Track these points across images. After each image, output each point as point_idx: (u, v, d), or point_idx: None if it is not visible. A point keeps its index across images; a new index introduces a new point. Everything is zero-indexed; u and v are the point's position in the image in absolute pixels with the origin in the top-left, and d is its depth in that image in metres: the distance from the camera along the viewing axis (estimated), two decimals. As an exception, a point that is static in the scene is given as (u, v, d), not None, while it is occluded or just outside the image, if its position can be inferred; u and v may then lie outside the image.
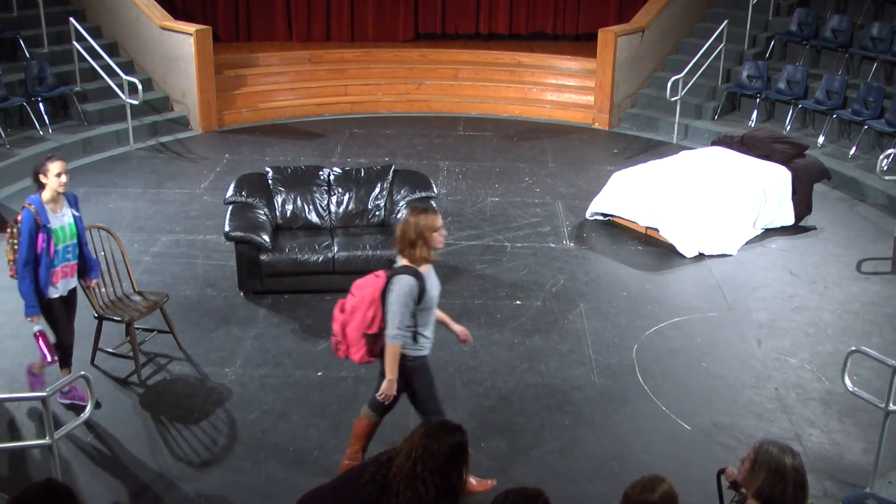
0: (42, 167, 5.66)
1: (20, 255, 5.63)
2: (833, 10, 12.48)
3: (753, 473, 3.54)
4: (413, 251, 5.02)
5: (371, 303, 5.05)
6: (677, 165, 9.45)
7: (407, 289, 4.93)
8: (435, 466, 3.46)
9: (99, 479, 5.46)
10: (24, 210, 5.64)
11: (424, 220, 5.00)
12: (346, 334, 5.11)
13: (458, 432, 3.55)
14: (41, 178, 5.67)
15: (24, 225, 5.60)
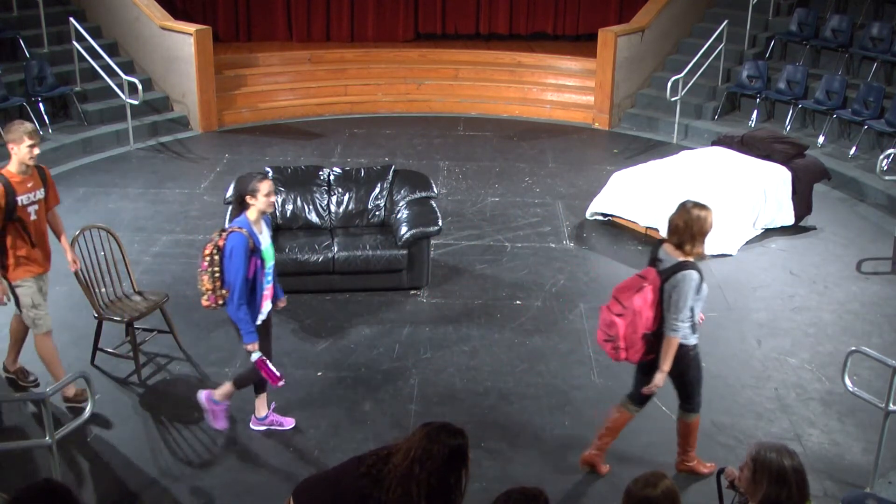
0: (252, 188, 5.39)
1: (236, 282, 5.35)
2: (833, 10, 12.48)
3: (755, 483, 3.53)
4: (692, 246, 5.16)
5: (652, 304, 5.15)
6: (677, 165, 9.45)
7: (694, 283, 5.12)
8: (433, 468, 3.45)
9: (99, 479, 5.46)
10: (236, 235, 5.34)
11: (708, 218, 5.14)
12: (626, 337, 5.18)
13: (459, 436, 3.54)
14: (249, 200, 5.41)
15: (238, 249, 5.32)
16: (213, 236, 5.51)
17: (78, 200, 9.70)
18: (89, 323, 6.67)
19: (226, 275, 5.42)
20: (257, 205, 5.43)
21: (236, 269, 5.34)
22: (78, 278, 6.42)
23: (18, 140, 5.70)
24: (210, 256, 5.41)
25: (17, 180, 5.76)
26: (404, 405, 6.29)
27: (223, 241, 5.40)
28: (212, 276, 5.43)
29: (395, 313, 7.53)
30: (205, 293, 5.50)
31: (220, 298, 5.49)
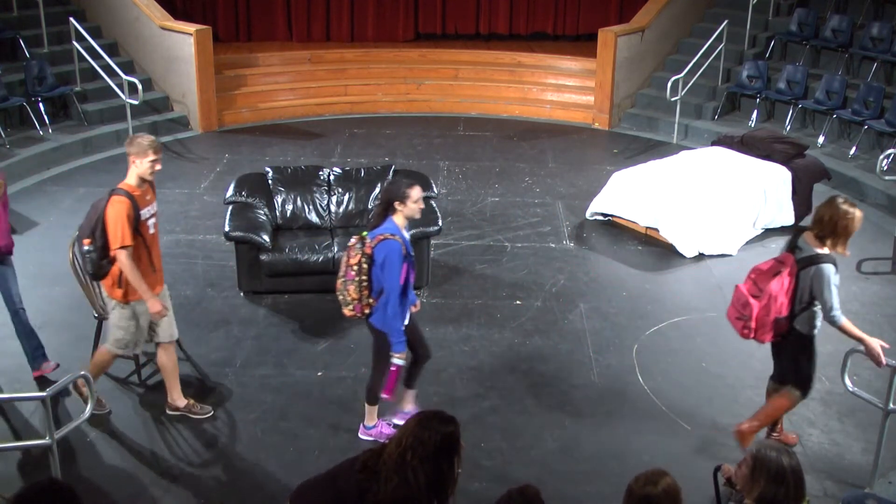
0: (403, 194, 5.31)
1: (392, 290, 5.30)
2: (833, 10, 12.48)
3: (753, 480, 3.54)
4: (834, 242, 5.21)
5: (787, 291, 5.26)
6: (677, 165, 9.45)
7: (833, 276, 5.19)
8: (424, 455, 3.46)
9: (99, 479, 5.46)
10: (390, 242, 5.26)
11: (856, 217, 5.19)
12: (758, 318, 5.31)
13: (450, 423, 3.55)
14: (398, 205, 5.33)
15: (394, 256, 5.25)
16: (352, 244, 5.41)
17: (78, 200, 9.69)
18: (89, 323, 6.67)
19: (375, 283, 5.36)
20: (406, 211, 5.36)
21: (393, 278, 5.28)
22: (78, 278, 6.41)
23: (142, 154, 5.55)
24: (358, 265, 5.33)
25: (138, 193, 5.61)
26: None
27: (371, 248, 5.32)
28: (359, 286, 5.35)
29: (395, 313, 7.52)
30: (350, 303, 5.42)
31: (366, 307, 5.43)
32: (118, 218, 5.50)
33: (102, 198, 5.69)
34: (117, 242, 5.50)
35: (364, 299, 5.38)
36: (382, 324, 5.43)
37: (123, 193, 5.57)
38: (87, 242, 5.64)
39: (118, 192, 5.58)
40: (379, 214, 5.45)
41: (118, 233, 5.50)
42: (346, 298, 5.43)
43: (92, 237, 5.62)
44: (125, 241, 5.50)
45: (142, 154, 5.56)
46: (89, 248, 5.63)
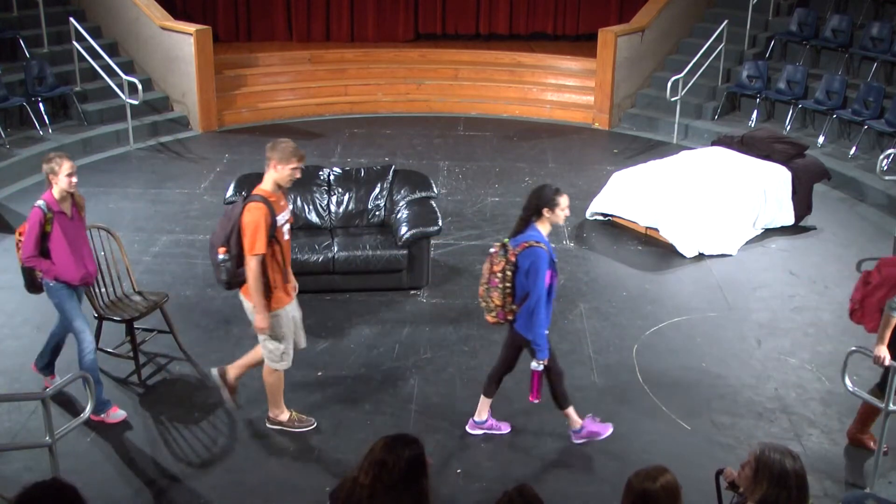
0: (553, 201, 5.30)
1: (540, 297, 5.30)
2: (833, 10, 12.48)
3: (756, 482, 3.52)
4: None
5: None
6: (677, 165, 9.45)
7: None
8: (391, 482, 3.38)
9: (99, 479, 5.46)
10: (536, 250, 5.27)
11: None
12: (866, 305, 5.41)
13: (413, 445, 3.46)
14: (546, 212, 5.33)
15: (542, 264, 5.26)
16: (494, 251, 5.42)
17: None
18: (89, 323, 6.66)
19: (519, 290, 5.37)
20: (553, 218, 5.37)
21: (539, 284, 5.29)
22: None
23: (285, 160, 5.42)
24: (502, 273, 5.34)
25: (274, 199, 5.45)
26: (404, 405, 6.30)
27: (515, 256, 5.32)
28: (503, 293, 5.37)
29: (395, 313, 7.53)
30: (493, 309, 5.44)
31: (509, 314, 5.45)
32: (255, 225, 5.35)
33: (236, 205, 5.53)
34: (252, 249, 5.37)
35: (507, 306, 5.42)
36: (526, 329, 5.44)
37: (261, 200, 5.40)
38: (222, 251, 5.49)
39: (255, 199, 5.41)
40: (523, 220, 5.44)
41: (254, 240, 5.36)
42: (489, 305, 5.46)
43: (227, 245, 5.48)
44: (260, 248, 5.38)
45: (284, 160, 5.42)
46: (224, 258, 5.49)
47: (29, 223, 5.72)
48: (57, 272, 5.77)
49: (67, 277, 5.81)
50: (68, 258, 5.77)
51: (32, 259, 5.74)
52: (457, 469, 5.64)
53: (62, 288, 5.84)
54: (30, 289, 6.03)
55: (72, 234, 5.81)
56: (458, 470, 5.63)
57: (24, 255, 5.74)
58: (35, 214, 5.68)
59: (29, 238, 5.69)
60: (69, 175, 5.70)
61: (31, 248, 5.70)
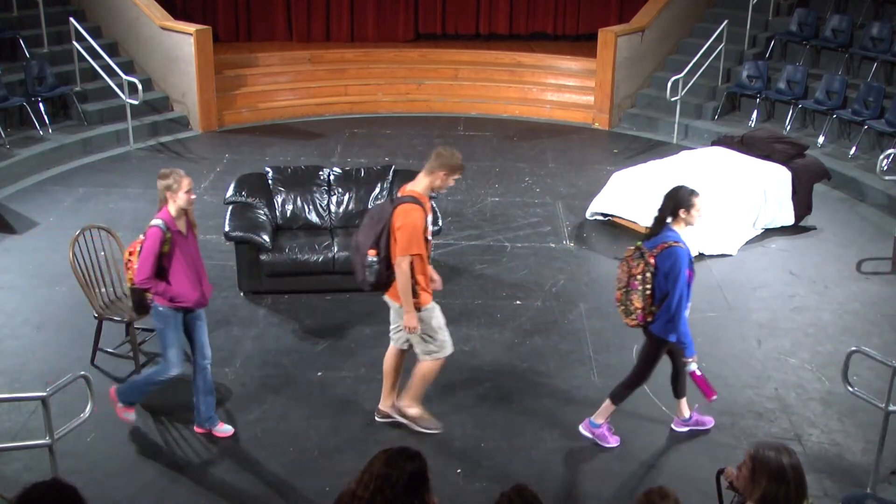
0: (690, 203, 5.42)
1: (683, 298, 5.33)
2: (833, 10, 12.48)
3: (754, 481, 3.53)
4: None
5: None
6: (677, 165, 9.45)
7: None
8: (393, 496, 3.35)
9: (99, 479, 5.46)
10: (678, 250, 5.31)
11: None
12: None
13: (416, 459, 3.42)
14: (682, 214, 5.39)
15: (682, 265, 5.29)
16: (629, 254, 5.44)
17: (78, 200, 9.70)
18: (89, 323, 6.67)
19: (658, 291, 5.38)
20: (689, 219, 5.42)
21: (681, 285, 5.30)
22: (78, 278, 6.42)
23: (453, 171, 5.50)
24: (642, 275, 5.35)
25: (424, 201, 5.51)
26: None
27: (653, 257, 5.33)
28: (642, 295, 5.38)
29: (395, 313, 7.52)
30: (633, 312, 5.46)
31: (649, 316, 5.45)
32: (413, 226, 5.36)
33: (384, 207, 5.53)
34: (407, 250, 5.36)
35: (647, 308, 5.42)
36: (662, 331, 5.45)
37: (414, 201, 5.41)
38: (371, 253, 5.46)
39: (409, 201, 5.41)
40: (659, 221, 5.47)
41: (410, 241, 5.35)
42: (628, 308, 5.48)
43: (377, 247, 5.46)
44: (416, 249, 5.38)
45: (453, 171, 5.52)
46: (374, 259, 5.46)
47: (146, 243, 5.42)
48: (173, 294, 5.50)
49: (184, 299, 5.54)
50: (185, 279, 5.53)
51: (149, 281, 5.45)
52: (457, 469, 5.64)
53: (173, 315, 5.57)
54: (138, 310, 5.93)
55: (188, 254, 5.56)
56: (458, 470, 5.63)
57: (141, 278, 5.44)
58: (154, 234, 5.37)
59: (147, 259, 5.39)
60: (188, 192, 5.46)
61: (148, 269, 5.41)
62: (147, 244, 5.42)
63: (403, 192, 5.53)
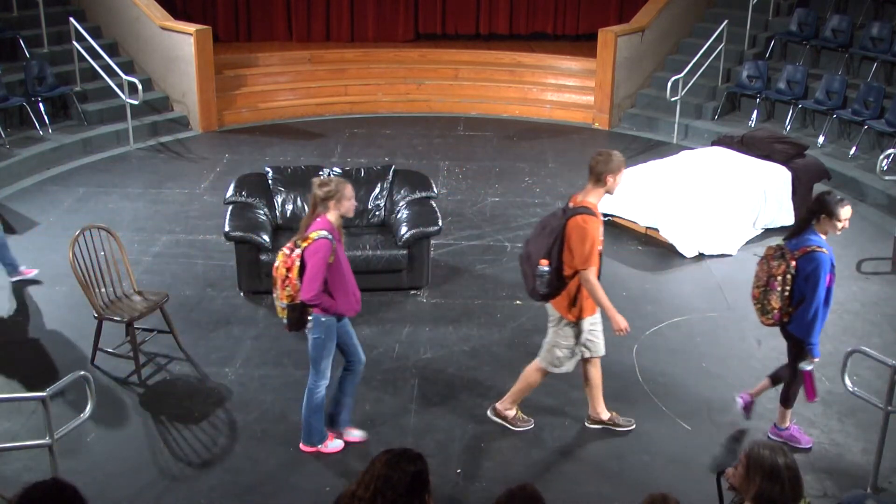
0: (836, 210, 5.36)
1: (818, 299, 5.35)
2: (833, 10, 12.47)
3: (749, 479, 3.54)
4: None
5: None
6: (677, 165, 9.45)
7: None
8: (395, 497, 3.35)
9: (99, 479, 5.46)
10: (818, 254, 5.31)
11: None
12: None
13: (417, 461, 3.43)
14: (825, 218, 5.40)
15: (824, 268, 5.32)
16: (770, 253, 5.49)
17: (78, 200, 9.70)
18: (89, 323, 6.67)
19: (797, 293, 5.40)
20: (829, 227, 5.41)
21: (820, 290, 5.35)
22: (78, 278, 6.42)
23: (618, 171, 5.50)
24: (783, 276, 5.38)
25: (597, 212, 5.49)
26: (404, 405, 6.29)
27: (795, 260, 5.35)
28: (781, 295, 5.42)
29: (395, 313, 7.53)
30: (769, 311, 5.50)
31: (785, 316, 5.49)
32: (592, 237, 5.34)
33: (555, 216, 5.51)
34: (586, 262, 5.34)
35: (784, 308, 5.46)
36: (800, 331, 5.47)
37: (589, 213, 5.38)
38: (544, 263, 5.43)
39: (585, 212, 5.38)
40: (803, 222, 5.49)
41: (591, 252, 5.34)
42: (765, 307, 5.52)
43: (549, 257, 5.43)
44: (595, 261, 5.36)
45: (618, 171, 5.47)
46: (546, 269, 5.43)
47: (316, 257, 5.16)
48: (337, 306, 5.34)
49: (345, 309, 5.39)
50: (345, 289, 5.38)
51: (319, 296, 5.21)
52: (457, 469, 5.64)
53: (334, 324, 5.43)
54: (296, 326, 5.46)
55: (345, 263, 5.43)
56: (458, 470, 5.63)
57: (312, 294, 5.18)
58: (324, 247, 5.16)
59: (318, 275, 5.16)
60: (352, 198, 5.32)
61: (319, 284, 5.17)
62: (318, 258, 5.16)
63: (576, 203, 5.48)
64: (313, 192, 5.29)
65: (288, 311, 5.38)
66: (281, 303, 5.38)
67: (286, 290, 5.31)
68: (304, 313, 5.38)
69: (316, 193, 5.27)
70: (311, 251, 5.18)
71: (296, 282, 5.26)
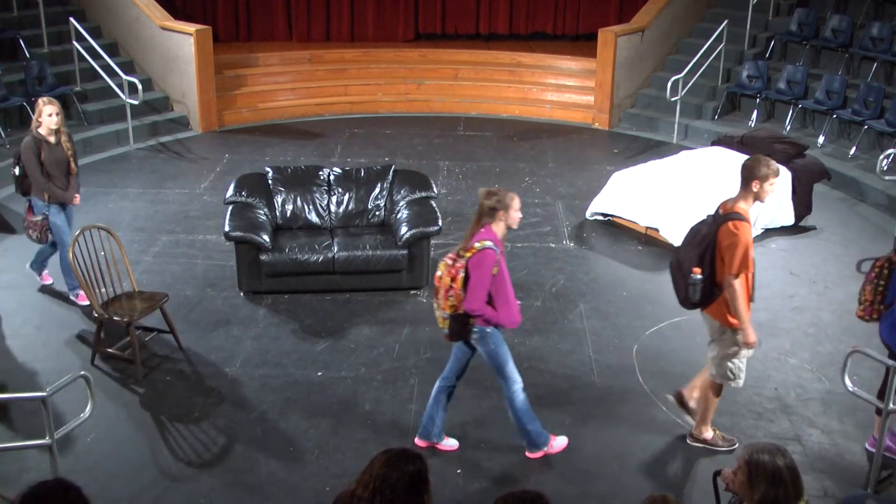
0: None
1: None
2: (833, 10, 12.47)
3: (752, 486, 3.54)
4: None
5: None
6: (677, 165, 9.45)
7: None
8: (394, 497, 3.35)
9: (99, 479, 5.45)
10: None
11: None
12: None
13: (417, 460, 3.43)
14: None
15: None
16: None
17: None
18: (89, 323, 6.67)
19: (891, 292, 5.38)
20: None
21: None
22: (78, 278, 6.42)
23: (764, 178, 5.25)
24: (880, 269, 5.37)
25: (747, 219, 5.33)
26: (404, 405, 6.29)
27: None
28: (875, 288, 5.42)
29: (395, 313, 7.53)
30: (863, 303, 5.49)
31: (875, 312, 5.47)
32: (745, 244, 5.22)
33: (707, 223, 5.43)
34: (737, 268, 5.24)
35: (875, 304, 5.45)
36: (886, 334, 5.44)
37: (741, 218, 5.27)
38: (696, 271, 5.35)
39: (737, 218, 5.26)
40: None
41: (742, 259, 5.23)
42: (860, 297, 5.55)
43: (701, 265, 5.37)
44: (745, 267, 5.27)
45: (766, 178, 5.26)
46: (698, 277, 5.36)
47: (482, 269, 5.17)
48: (499, 317, 5.34)
49: (506, 320, 5.38)
50: (507, 300, 5.36)
51: (483, 308, 5.23)
52: (457, 469, 5.64)
53: (497, 332, 5.43)
54: (457, 337, 5.47)
55: (507, 274, 5.39)
56: (458, 470, 5.63)
57: (476, 305, 5.21)
58: (490, 258, 5.16)
59: (484, 286, 5.17)
60: (518, 209, 5.29)
61: (484, 296, 5.20)
62: (483, 270, 5.17)
63: (726, 209, 5.39)
64: (480, 203, 5.28)
65: (450, 322, 5.37)
66: (443, 312, 5.37)
67: (449, 300, 5.29)
68: (465, 324, 5.37)
69: (483, 203, 5.25)
70: (476, 262, 5.19)
71: (460, 292, 5.26)
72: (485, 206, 5.25)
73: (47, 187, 7.12)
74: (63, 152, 7.18)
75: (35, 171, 7.06)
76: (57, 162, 7.13)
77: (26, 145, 7.07)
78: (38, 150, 7.05)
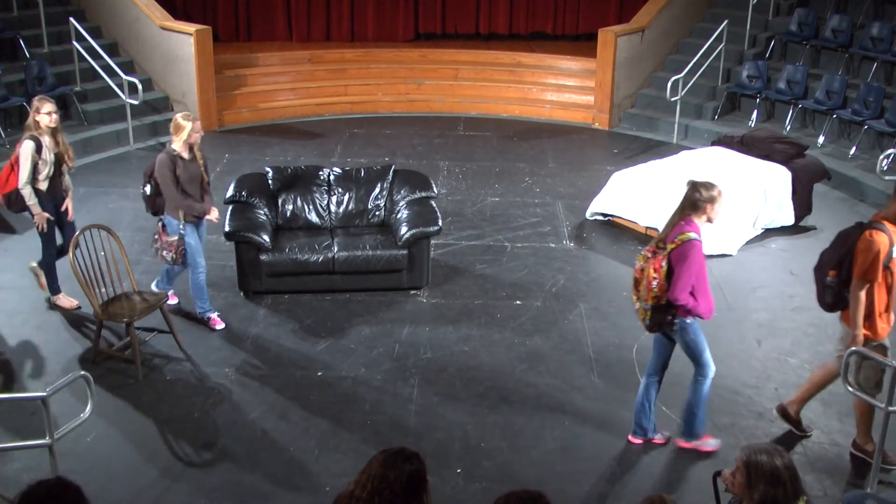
0: None
1: None
2: (833, 10, 12.48)
3: (752, 487, 3.56)
4: None
5: None
6: (677, 165, 9.45)
7: None
8: (392, 497, 3.34)
9: (99, 479, 5.45)
10: None
11: None
12: None
13: (414, 460, 3.42)
14: None
15: None
16: None
17: (78, 200, 9.63)
18: (89, 323, 6.67)
19: None
20: None
21: None
22: (78, 278, 6.42)
23: None
24: None
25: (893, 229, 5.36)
26: (404, 405, 6.30)
27: None
28: None
29: (395, 313, 7.53)
30: None
31: None
32: (875, 252, 5.28)
33: (850, 229, 5.50)
34: (862, 276, 5.33)
35: None
36: None
37: (881, 228, 5.33)
38: (832, 273, 5.45)
39: (876, 226, 5.35)
40: None
41: (868, 266, 5.31)
42: None
43: (838, 268, 5.45)
44: (871, 275, 5.32)
45: None
46: (833, 280, 5.45)
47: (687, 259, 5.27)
48: (699, 308, 5.38)
49: (705, 311, 5.44)
50: (706, 291, 5.41)
51: (688, 298, 5.30)
52: (457, 469, 5.64)
53: (696, 323, 5.47)
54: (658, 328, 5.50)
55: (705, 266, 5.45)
56: (458, 470, 5.63)
57: (684, 295, 5.27)
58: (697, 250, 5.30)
59: (690, 276, 5.26)
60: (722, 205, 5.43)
61: (690, 286, 5.28)
62: (690, 262, 5.25)
63: (874, 217, 5.46)
64: (688, 195, 5.34)
65: (652, 313, 5.41)
66: (645, 304, 5.41)
67: (652, 292, 5.34)
68: (667, 314, 5.41)
69: (692, 196, 5.34)
70: (681, 253, 5.26)
71: (664, 283, 5.31)
72: (694, 198, 5.34)
73: (185, 205, 6.85)
74: (198, 167, 6.93)
75: (171, 189, 6.77)
76: (192, 178, 6.87)
77: (161, 162, 6.74)
78: (173, 166, 6.76)
